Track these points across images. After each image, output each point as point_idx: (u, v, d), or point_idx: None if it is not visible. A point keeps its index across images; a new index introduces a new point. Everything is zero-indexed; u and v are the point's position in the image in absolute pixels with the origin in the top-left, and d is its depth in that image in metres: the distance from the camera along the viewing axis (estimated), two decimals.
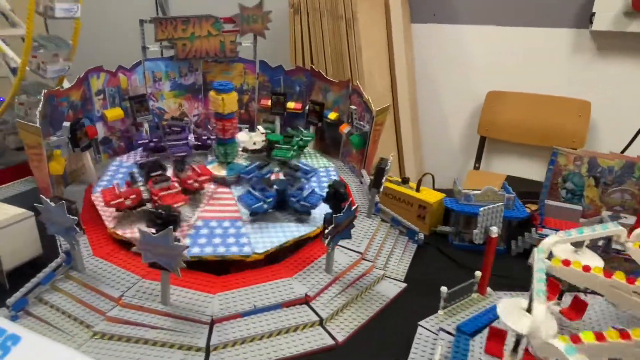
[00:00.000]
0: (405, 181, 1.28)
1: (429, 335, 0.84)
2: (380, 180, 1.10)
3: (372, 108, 1.27)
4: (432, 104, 2.55)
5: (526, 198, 1.25)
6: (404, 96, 2.32)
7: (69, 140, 1.15)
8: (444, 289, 0.87)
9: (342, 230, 0.95)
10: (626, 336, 0.58)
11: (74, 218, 0.85)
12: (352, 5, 2.01)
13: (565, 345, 0.52)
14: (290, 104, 1.57)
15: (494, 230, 0.88)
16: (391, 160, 1.13)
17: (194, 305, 0.88)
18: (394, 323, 0.91)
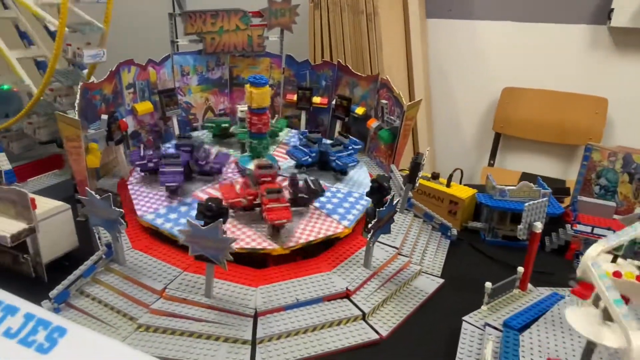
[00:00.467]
0: (435, 176, 1.28)
1: (475, 331, 0.84)
2: (416, 175, 1.09)
3: (403, 102, 1.27)
4: (447, 100, 2.54)
5: None
6: (419, 91, 2.31)
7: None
8: (488, 285, 0.87)
9: (383, 225, 0.95)
10: None
11: (120, 210, 0.85)
12: (374, 0, 2.00)
13: None
14: (316, 99, 1.57)
15: (538, 226, 0.88)
16: (427, 155, 1.12)
17: (237, 298, 0.88)
18: (435, 318, 0.91)
